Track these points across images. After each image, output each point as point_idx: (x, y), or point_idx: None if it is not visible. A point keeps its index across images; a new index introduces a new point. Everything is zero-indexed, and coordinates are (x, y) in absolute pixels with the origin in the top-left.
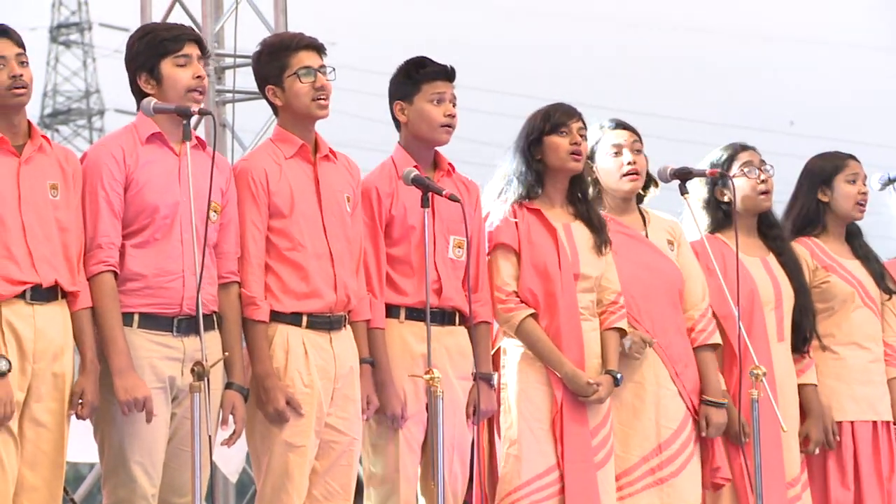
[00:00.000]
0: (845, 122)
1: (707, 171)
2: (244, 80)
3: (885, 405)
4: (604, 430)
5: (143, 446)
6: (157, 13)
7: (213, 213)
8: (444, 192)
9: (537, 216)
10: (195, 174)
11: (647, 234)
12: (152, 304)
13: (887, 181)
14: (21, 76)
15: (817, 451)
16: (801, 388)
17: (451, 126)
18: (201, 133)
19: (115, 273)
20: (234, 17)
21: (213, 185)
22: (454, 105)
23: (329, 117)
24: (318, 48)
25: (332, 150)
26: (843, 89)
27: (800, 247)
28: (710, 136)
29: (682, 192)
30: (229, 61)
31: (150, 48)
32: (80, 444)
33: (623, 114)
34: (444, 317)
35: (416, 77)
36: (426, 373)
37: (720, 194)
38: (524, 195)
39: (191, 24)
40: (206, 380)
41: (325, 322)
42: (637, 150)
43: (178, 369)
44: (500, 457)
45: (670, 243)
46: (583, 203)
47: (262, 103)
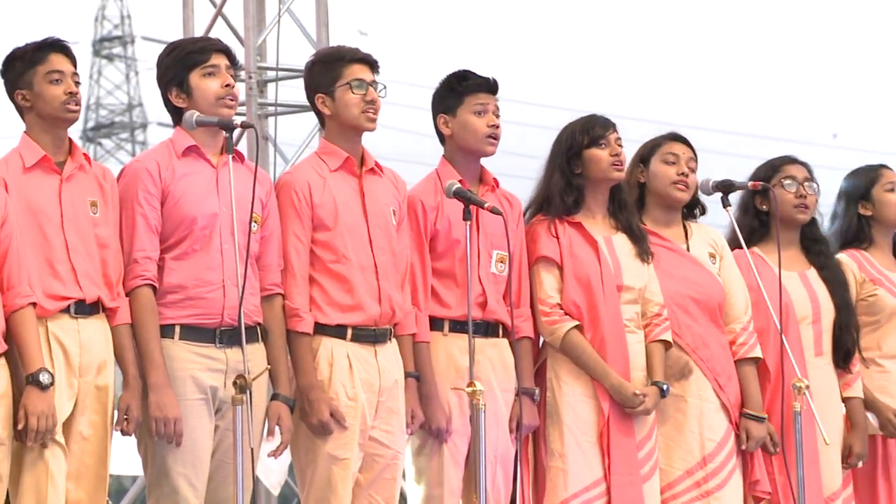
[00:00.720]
0: (889, 133)
1: (749, 184)
2: (286, 93)
3: None
4: (650, 443)
5: (187, 459)
6: (200, 27)
7: (253, 223)
8: (486, 205)
9: (578, 229)
10: (235, 186)
11: (688, 248)
12: (192, 314)
13: None
14: (77, 94)
15: (860, 464)
16: (846, 401)
17: (495, 136)
18: (243, 146)
19: (153, 287)
20: (277, 31)
21: (255, 197)
22: (498, 116)
23: (376, 130)
24: (371, 64)
25: (377, 164)
26: (886, 101)
27: (847, 259)
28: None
29: (725, 204)
30: (271, 74)
31: (178, 62)
32: (123, 457)
33: (665, 126)
34: (488, 329)
35: (459, 89)
36: (468, 385)
37: (759, 202)
38: (565, 212)
39: (233, 38)
40: (248, 392)
41: (369, 335)
42: (691, 168)
43: (221, 381)
44: (546, 470)
45: (712, 256)
46: (623, 213)
47: (304, 116)
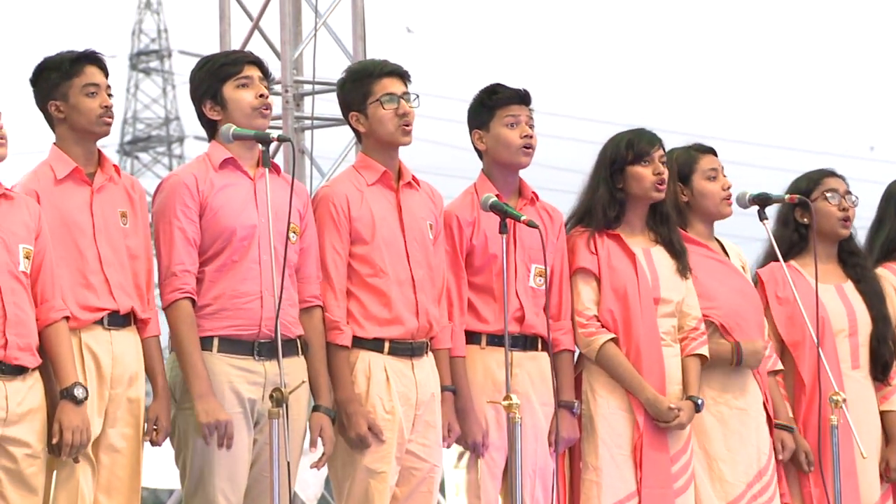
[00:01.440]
0: None
1: (787, 197)
2: (323, 106)
3: None
4: (684, 457)
5: (225, 472)
6: (236, 40)
7: (292, 233)
8: (522, 219)
9: (616, 241)
10: (272, 198)
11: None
12: (230, 325)
13: None
14: (112, 107)
15: None
16: (883, 414)
17: (529, 147)
18: (279, 159)
19: (192, 300)
20: (313, 44)
21: (291, 209)
22: (531, 127)
23: (413, 144)
24: (402, 75)
25: (415, 178)
26: None
27: (886, 272)
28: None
29: (761, 217)
30: (308, 88)
31: (211, 75)
32: (159, 470)
33: (701, 138)
34: (527, 342)
35: (490, 103)
36: (504, 399)
37: (800, 216)
38: (606, 225)
39: (269, 51)
40: (284, 406)
41: (406, 348)
42: (724, 177)
43: (259, 394)
44: (581, 483)
45: (742, 269)
46: (664, 227)
47: (340, 130)
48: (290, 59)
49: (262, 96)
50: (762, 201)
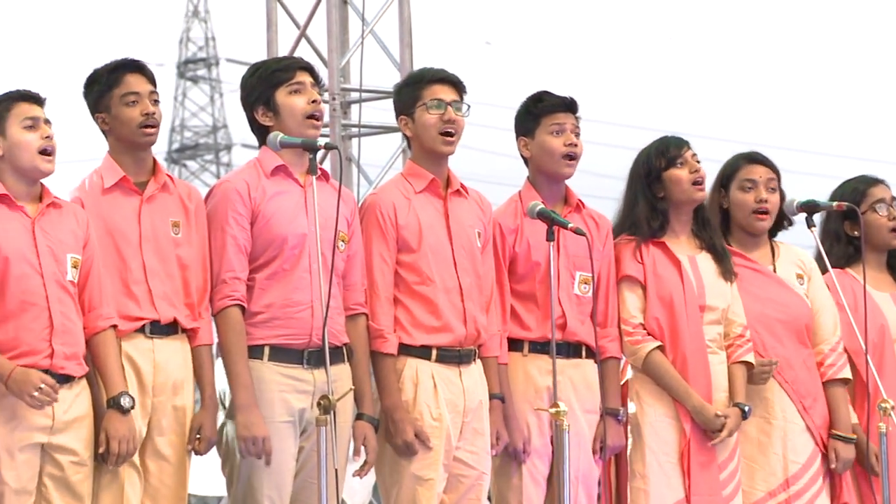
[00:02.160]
0: None
1: (834, 204)
2: (370, 114)
3: None
4: (732, 464)
5: (272, 479)
6: (284, 48)
7: (340, 241)
8: (569, 226)
9: (662, 249)
10: (321, 205)
11: (774, 269)
12: (281, 335)
13: None
14: (153, 114)
15: None
16: None
17: (572, 156)
18: (327, 167)
19: (241, 307)
20: (360, 52)
21: (339, 216)
22: (577, 135)
23: (461, 152)
24: (454, 83)
25: (463, 186)
26: None
27: None
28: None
29: (809, 225)
30: (355, 96)
31: (264, 81)
32: (206, 478)
33: (747, 146)
34: (570, 349)
35: (535, 111)
36: (551, 406)
37: (850, 229)
38: (651, 236)
39: (317, 59)
40: (332, 413)
41: (454, 356)
42: (772, 189)
43: (308, 402)
44: (628, 491)
45: (800, 277)
46: (706, 231)
47: (387, 137)
48: (337, 66)
49: (314, 102)
50: (810, 209)
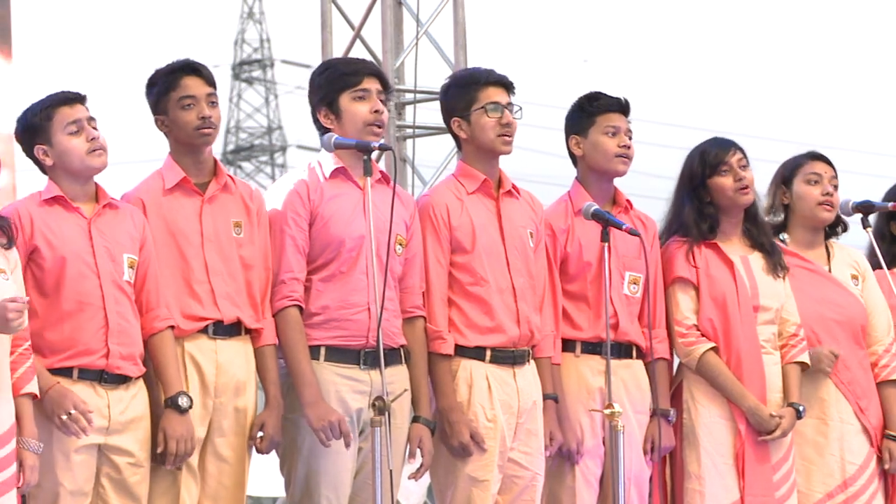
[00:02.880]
0: None
1: (890, 205)
2: (424, 115)
3: None
4: (786, 465)
5: (330, 480)
6: (338, 49)
7: (398, 245)
8: (624, 227)
9: (714, 249)
10: (379, 208)
11: (830, 269)
12: (338, 336)
13: None
14: (210, 117)
15: None
16: None
17: (626, 157)
18: (382, 168)
19: (300, 307)
20: (415, 53)
21: (397, 219)
22: (630, 137)
23: (513, 153)
24: (507, 85)
25: (514, 186)
26: None
27: None
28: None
29: (865, 225)
30: (409, 97)
31: (330, 83)
32: (263, 479)
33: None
34: (621, 350)
35: (590, 110)
36: (606, 407)
37: (895, 228)
38: (701, 238)
39: (371, 60)
40: (387, 414)
41: (508, 356)
42: (834, 186)
43: (365, 402)
44: (683, 492)
45: (854, 278)
46: (755, 229)
47: (442, 138)
48: (391, 67)
49: (377, 111)
50: (865, 209)
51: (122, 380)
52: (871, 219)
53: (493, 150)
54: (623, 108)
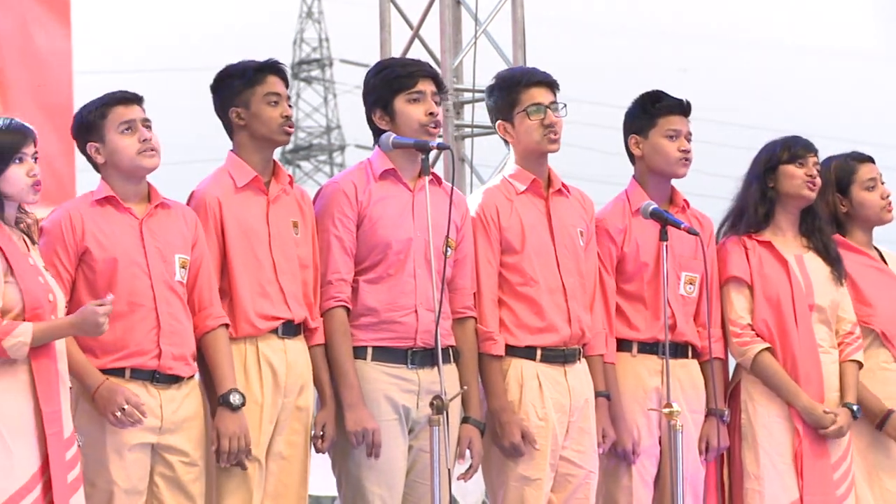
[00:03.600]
0: None
1: None
2: (483, 114)
3: None
4: (845, 464)
5: (382, 479)
6: (397, 49)
7: (448, 247)
8: (683, 226)
9: (768, 248)
10: (432, 209)
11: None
12: (385, 338)
13: None
14: (291, 117)
15: None
16: None
17: (687, 159)
18: (439, 168)
19: (346, 308)
20: (473, 52)
21: (450, 220)
22: (689, 140)
23: (563, 150)
24: (549, 84)
25: (564, 185)
26: None
27: None
28: None
29: None
30: (468, 96)
31: (385, 84)
32: (322, 477)
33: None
34: (677, 350)
35: (652, 111)
36: (665, 407)
37: None
38: (755, 225)
39: (429, 60)
40: (444, 413)
41: (559, 355)
42: (883, 182)
43: (414, 401)
44: (742, 492)
45: None
46: (817, 235)
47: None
48: (449, 67)
49: (431, 114)
50: None
51: (174, 380)
52: None
53: (538, 151)
54: (684, 109)
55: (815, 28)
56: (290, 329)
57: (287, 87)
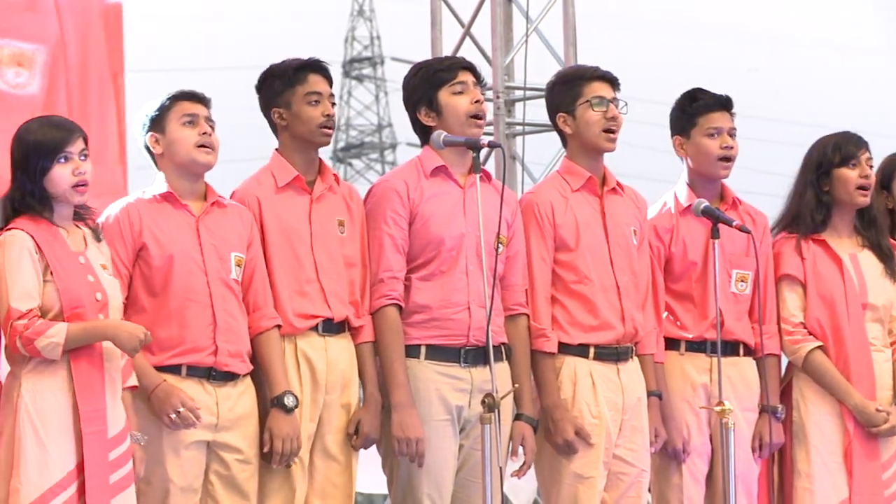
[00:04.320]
0: None
1: None
2: (534, 112)
3: None
4: (895, 464)
5: (432, 478)
6: (448, 47)
7: (499, 244)
8: (734, 223)
9: (822, 247)
10: (482, 206)
11: None
12: (438, 335)
13: None
14: (332, 116)
15: None
16: None
17: (728, 159)
18: (490, 165)
19: (398, 307)
20: (524, 50)
21: (501, 217)
22: (732, 136)
23: (617, 148)
24: (612, 81)
25: (619, 183)
26: None
27: None
28: None
29: None
30: (519, 94)
31: (426, 81)
32: (373, 475)
33: None
34: (727, 348)
35: (690, 111)
36: (717, 405)
37: None
38: (813, 230)
39: (480, 58)
40: (496, 411)
41: (612, 353)
42: None
43: (466, 400)
44: (793, 490)
45: None
46: (871, 231)
47: (551, 136)
48: (501, 65)
49: (477, 102)
50: None
51: (229, 377)
52: None
53: (596, 147)
54: (724, 105)
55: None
56: (331, 327)
57: (330, 84)
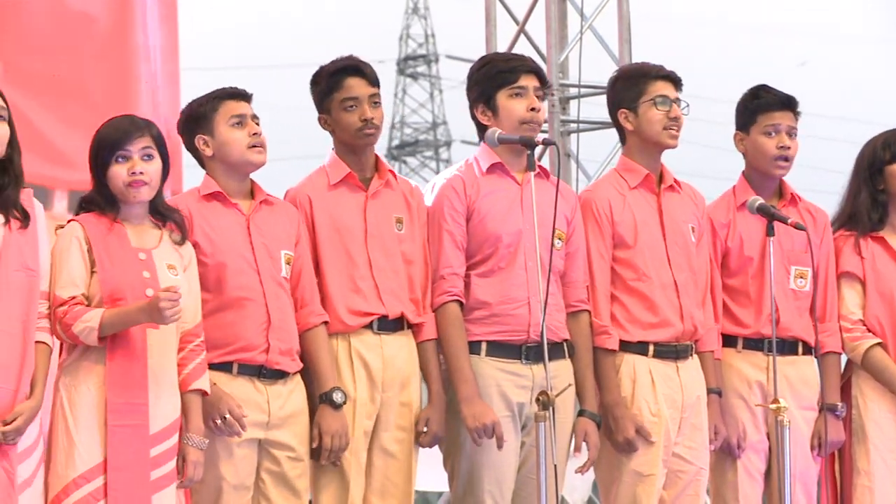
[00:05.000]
0: None
1: None
2: (589, 110)
3: None
4: None
5: (493, 475)
6: (502, 44)
7: (557, 240)
8: (789, 221)
9: (881, 244)
10: (539, 203)
11: None
12: (499, 331)
13: None
14: (372, 119)
15: None
16: None
17: (785, 158)
18: (545, 163)
19: (459, 303)
20: (579, 48)
21: (558, 213)
22: (791, 136)
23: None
24: (675, 81)
25: (676, 180)
26: None
27: None
28: None
29: None
30: (574, 91)
31: (487, 79)
32: (428, 473)
33: None
34: (784, 346)
35: (751, 107)
36: (772, 402)
37: None
38: (871, 229)
39: (535, 55)
40: (551, 409)
41: (671, 351)
42: None
43: (528, 397)
44: (852, 488)
45: None
46: None
47: (606, 133)
48: (555, 62)
49: (533, 109)
50: None
51: (280, 375)
52: None
53: (658, 143)
54: (785, 104)
55: None
56: (387, 324)
57: (371, 83)
